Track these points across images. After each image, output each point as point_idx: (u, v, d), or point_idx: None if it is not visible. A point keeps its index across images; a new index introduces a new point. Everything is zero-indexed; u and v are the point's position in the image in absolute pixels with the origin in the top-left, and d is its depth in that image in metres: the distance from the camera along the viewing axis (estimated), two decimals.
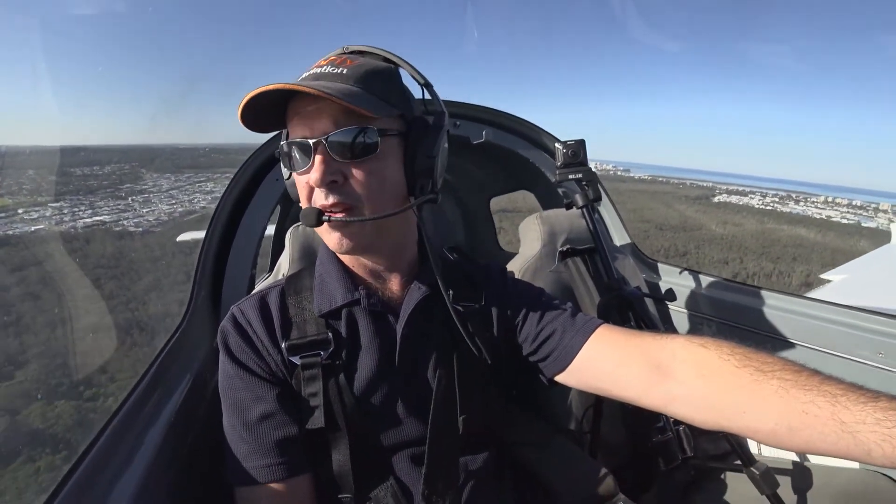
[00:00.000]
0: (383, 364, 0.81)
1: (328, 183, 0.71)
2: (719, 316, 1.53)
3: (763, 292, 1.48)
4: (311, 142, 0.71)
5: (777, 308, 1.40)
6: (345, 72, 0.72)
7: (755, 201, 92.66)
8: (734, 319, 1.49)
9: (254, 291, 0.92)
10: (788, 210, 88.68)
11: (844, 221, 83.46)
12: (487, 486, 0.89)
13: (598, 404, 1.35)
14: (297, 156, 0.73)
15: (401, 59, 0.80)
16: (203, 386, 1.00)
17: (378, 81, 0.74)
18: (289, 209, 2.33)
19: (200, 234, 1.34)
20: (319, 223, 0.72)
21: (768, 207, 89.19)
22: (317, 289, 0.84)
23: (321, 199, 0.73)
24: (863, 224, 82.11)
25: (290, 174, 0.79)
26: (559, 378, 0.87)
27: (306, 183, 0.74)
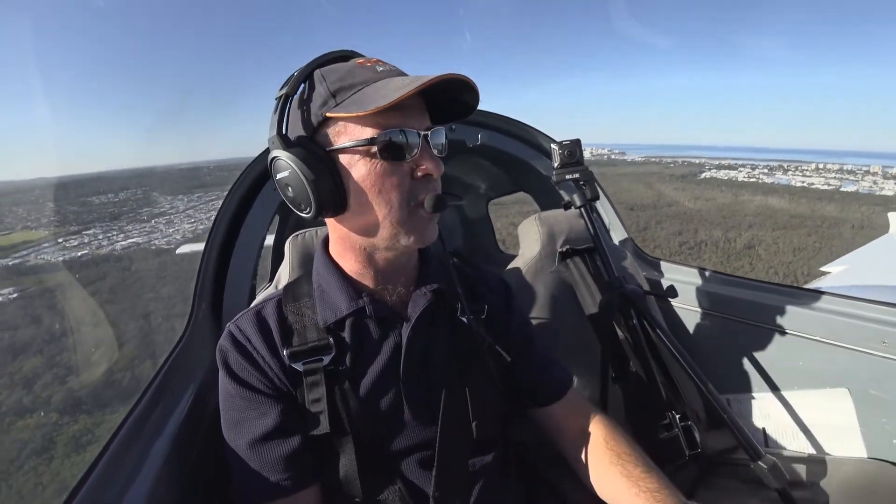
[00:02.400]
0: (388, 368, 0.81)
1: (441, 173, 0.76)
2: (722, 311, 1.53)
3: (765, 286, 1.48)
4: (421, 133, 0.74)
5: (779, 301, 1.40)
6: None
7: (742, 175, 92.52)
8: (736, 314, 1.49)
9: (250, 306, 0.92)
10: (772, 181, 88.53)
11: (824, 188, 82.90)
12: (496, 486, 0.89)
13: (603, 403, 1.35)
14: (398, 146, 0.73)
15: None
16: (206, 399, 1.00)
17: None
18: (287, 219, 2.33)
19: (199, 247, 1.33)
20: (443, 208, 0.77)
21: (752, 180, 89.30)
22: (318, 299, 0.84)
23: (424, 189, 0.76)
24: (841, 189, 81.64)
25: (317, 174, 0.73)
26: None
27: (405, 173, 0.75)
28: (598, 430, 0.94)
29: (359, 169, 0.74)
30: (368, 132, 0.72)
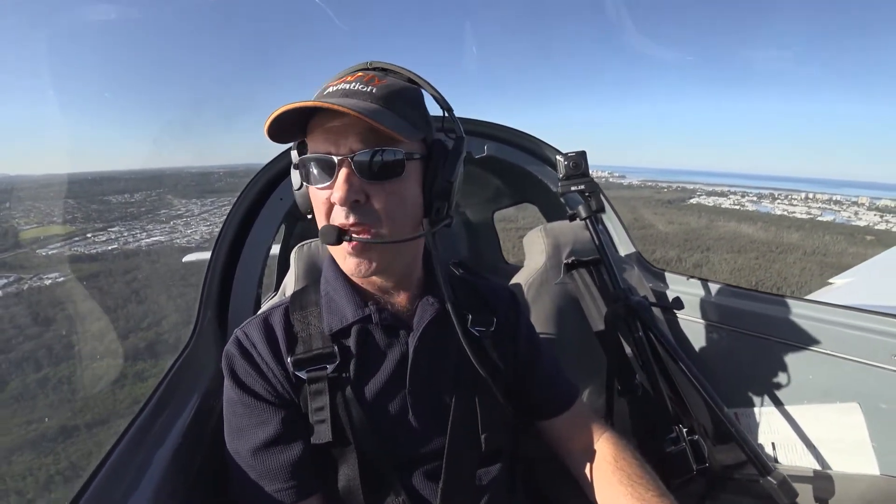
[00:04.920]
0: (394, 378, 0.81)
1: (352, 202, 0.71)
2: (729, 323, 1.52)
3: (771, 297, 1.47)
4: (336, 159, 0.71)
5: (788, 313, 1.39)
6: (374, 91, 0.72)
7: (729, 202, 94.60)
8: (743, 326, 1.48)
9: (258, 313, 0.92)
10: (754, 208, 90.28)
11: (802, 216, 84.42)
12: (501, 498, 0.88)
13: (609, 416, 1.34)
14: (318, 171, 0.73)
15: (424, 81, 0.81)
16: (210, 407, 1.00)
17: (405, 104, 0.74)
18: (293, 228, 2.34)
19: (206, 255, 1.34)
20: (339, 242, 0.72)
21: (735, 207, 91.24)
22: (325, 307, 0.84)
23: (341, 217, 0.72)
24: (818, 218, 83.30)
25: (302, 185, 0.78)
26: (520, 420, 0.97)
27: (326, 199, 0.73)
28: (606, 447, 0.91)
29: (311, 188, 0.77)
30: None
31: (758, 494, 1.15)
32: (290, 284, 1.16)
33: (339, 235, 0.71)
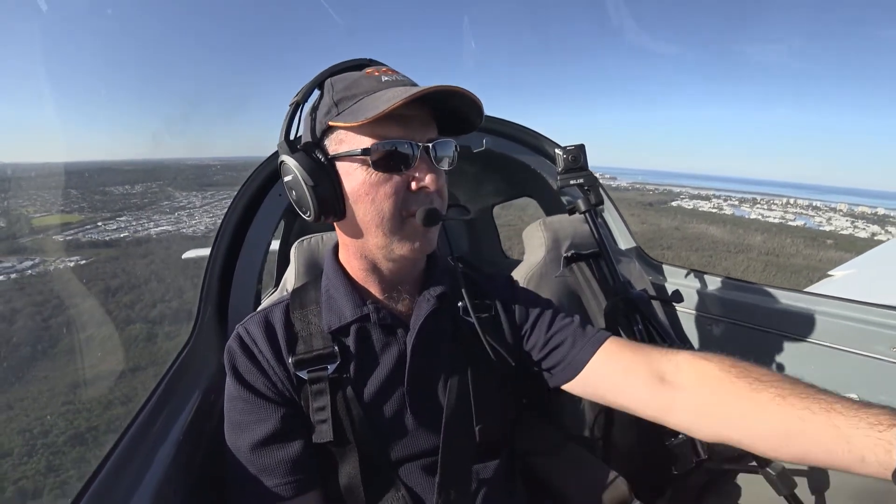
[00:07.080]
0: (392, 376, 0.81)
1: (440, 186, 0.75)
2: (727, 315, 1.52)
3: (771, 290, 1.47)
4: (428, 145, 0.74)
5: (787, 305, 1.39)
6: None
7: (708, 205, 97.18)
8: (742, 318, 1.48)
9: (258, 309, 0.92)
10: (731, 212, 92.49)
11: (773, 221, 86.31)
12: (499, 493, 0.88)
13: (610, 409, 1.34)
14: (402, 156, 0.73)
15: None
16: (212, 403, 1.00)
17: None
18: (293, 224, 2.34)
19: (205, 252, 1.34)
20: (437, 222, 0.75)
21: (713, 210, 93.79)
22: (324, 305, 0.84)
23: (420, 201, 0.75)
24: (789, 223, 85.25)
25: (313, 180, 0.74)
26: (566, 387, 0.89)
27: (401, 185, 0.74)
28: (697, 360, 0.77)
29: (355, 177, 0.74)
30: (366, 142, 0.72)
31: (758, 485, 1.15)
32: (290, 280, 1.16)
33: (438, 216, 0.75)
